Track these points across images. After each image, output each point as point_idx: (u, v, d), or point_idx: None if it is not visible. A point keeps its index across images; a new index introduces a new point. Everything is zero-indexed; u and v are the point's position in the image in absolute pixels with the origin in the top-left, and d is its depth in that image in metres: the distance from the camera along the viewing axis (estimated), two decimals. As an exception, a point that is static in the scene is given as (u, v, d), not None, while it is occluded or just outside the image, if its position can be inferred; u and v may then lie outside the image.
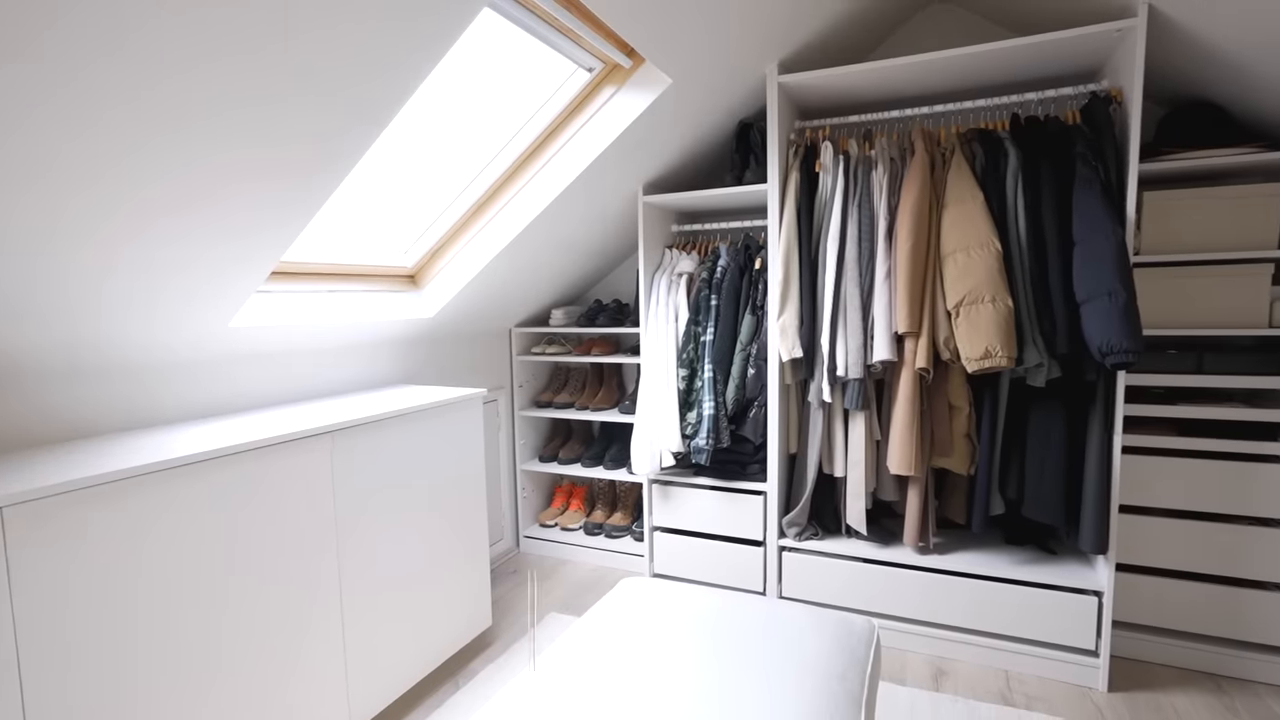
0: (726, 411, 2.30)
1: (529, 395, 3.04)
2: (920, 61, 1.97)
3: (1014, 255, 1.85)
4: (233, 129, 1.21)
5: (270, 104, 1.21)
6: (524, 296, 2.78)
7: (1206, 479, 1.92)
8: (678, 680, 1.22)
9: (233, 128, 1.21)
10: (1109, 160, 1.80)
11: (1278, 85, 1.73)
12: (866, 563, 2.13)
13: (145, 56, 1.00)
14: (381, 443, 1.75)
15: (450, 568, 2.01)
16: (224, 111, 1.17)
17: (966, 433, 2.00)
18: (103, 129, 1.05)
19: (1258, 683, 1.88)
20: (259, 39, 1.09)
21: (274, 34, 1.10)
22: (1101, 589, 1.86)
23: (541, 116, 2.08)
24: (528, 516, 3.02)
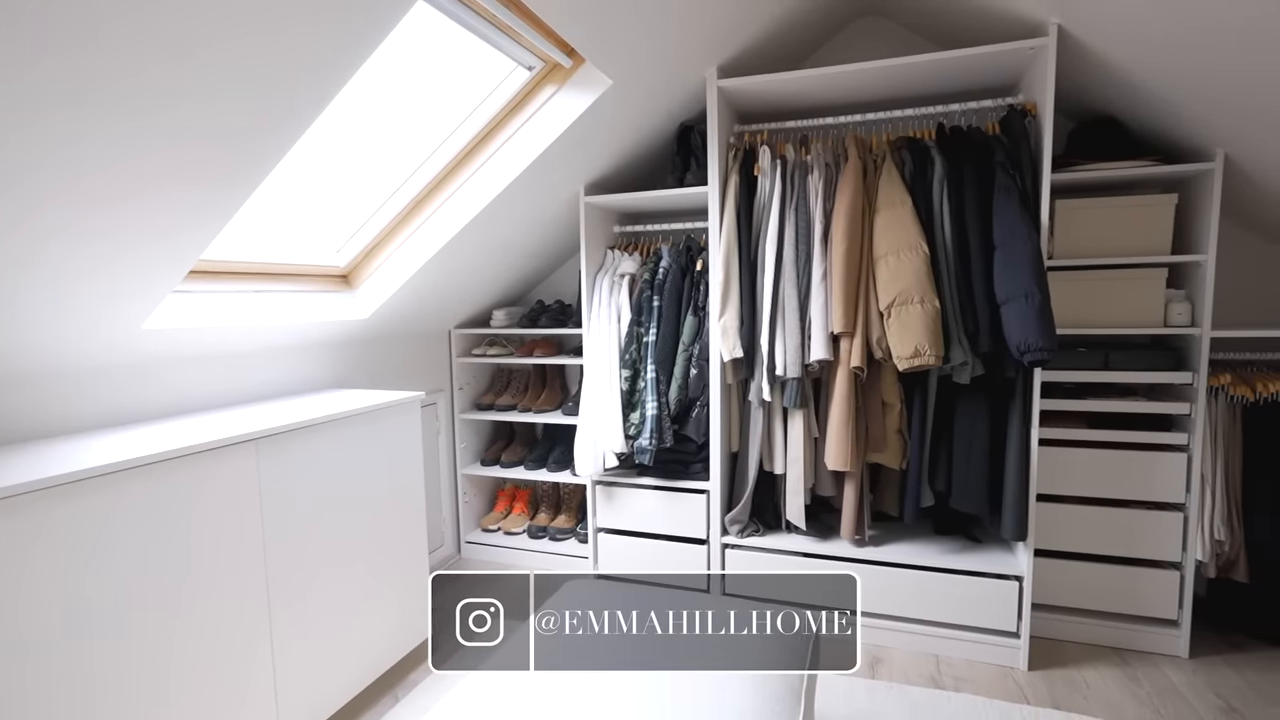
0: (669, 411, 2.32)
1: (470, 398, 2.98)
2: (852, 70, 2.04)
3: (940, 258, 1.94)
4: (147, 129, 1.14)
5: (188, 104, 1.14)
6: (464, 297, 2.73)
7: (1111, 468, 2.06)
8: (622, 680, 1.22)
9: (147, 128, 1.14)
10: (1025, 170, 1.91)
11: (1169, 103, 1.88)
12: (806, 557, 2.19)
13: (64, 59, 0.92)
14: (313, 450, 1.68)
15: (388, 577, 1.95)
16: (143, 113, 1.10)
17: (899, 429, 2.09)
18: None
19: (1156, 654, 2.03)
20: (178, 39, 1.02)
21: (197, 36, 1.04)
22: (1022, 574, 1.97)
23: (480, 114, 2.05)
24: (470, 521, 2.96)
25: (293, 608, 1.62)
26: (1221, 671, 1.94)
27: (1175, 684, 1.89)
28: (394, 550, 1.98)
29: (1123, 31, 1.72)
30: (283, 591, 1.59)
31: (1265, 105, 1.64)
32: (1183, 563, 2.01)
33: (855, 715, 1.77)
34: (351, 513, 1.81)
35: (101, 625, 1.22)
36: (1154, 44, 1.69)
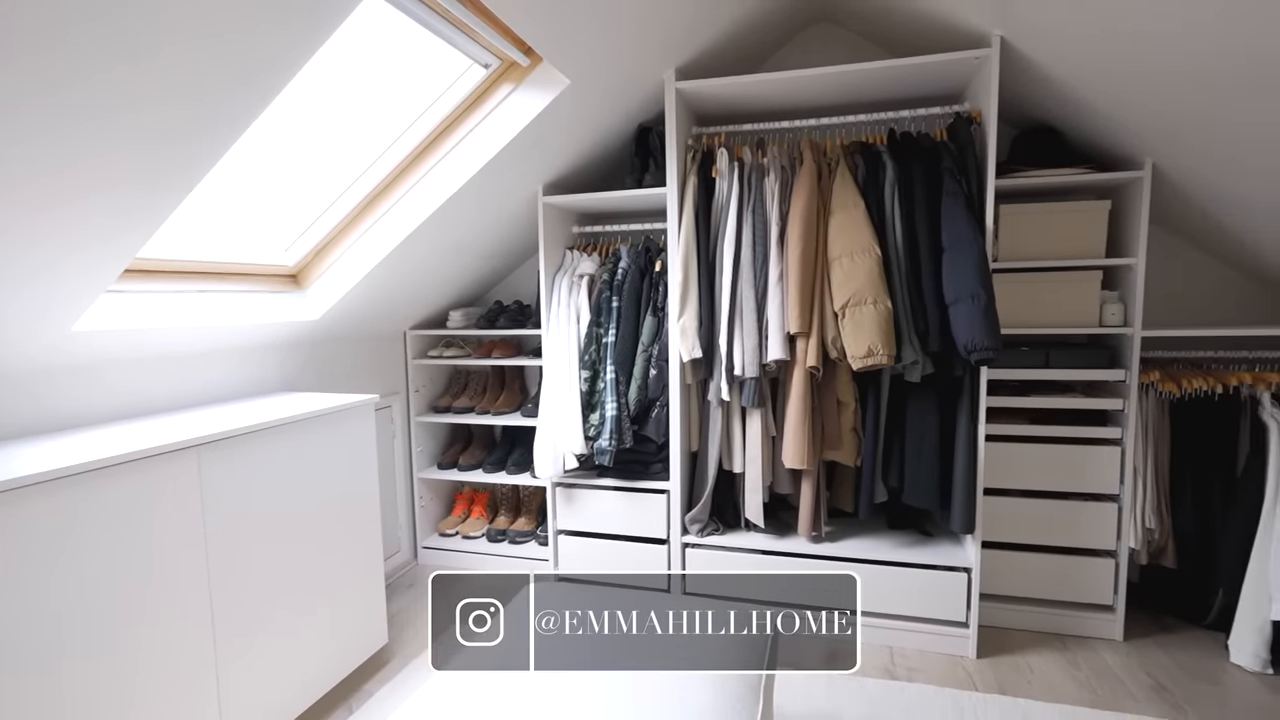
0: (629, 412, 2.32)
1: (426, 400, 2.92)
2: (807, 75, 2.08)
3: (892, 260, 1.99)
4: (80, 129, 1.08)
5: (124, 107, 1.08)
6: (419, 298, 2.67)
7: (1052, 462, 2.15)
8: (583, 682, 1.21)
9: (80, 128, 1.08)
10: (971, 175, 1.98)
11: (1102, 114, 1.97)
12: (765, 554, 2.22)
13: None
14: (260, 455, 1.62)
15: (341, 586, 1.89)
16: (78, 117, 1.05)
17: (853, 427, 2.13)
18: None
19: (1093, 638, 2.13)
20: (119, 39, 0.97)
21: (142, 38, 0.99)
22: (970, 565, 2.04)
23: (435, 111, 2.01)
24: (427, 526, 2.90)
25: (238, 621, 1.56)
26: (1152, 652, 2.05)
27: (1111, 666, 1.99)
28: (348, 558, 1.92)
29: (1059, 45, 1.80)
30: (227, 604, 1.53)
31: (1187, 118, 1.74)
32: (1117, 551, 2.12)
33: (814, 711, 1.80)
34: (302, 520, 1.75)
35: (15, 654, 1.14)
36: (1087, 58, 1.77)
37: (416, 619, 2.36)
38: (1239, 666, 1.96)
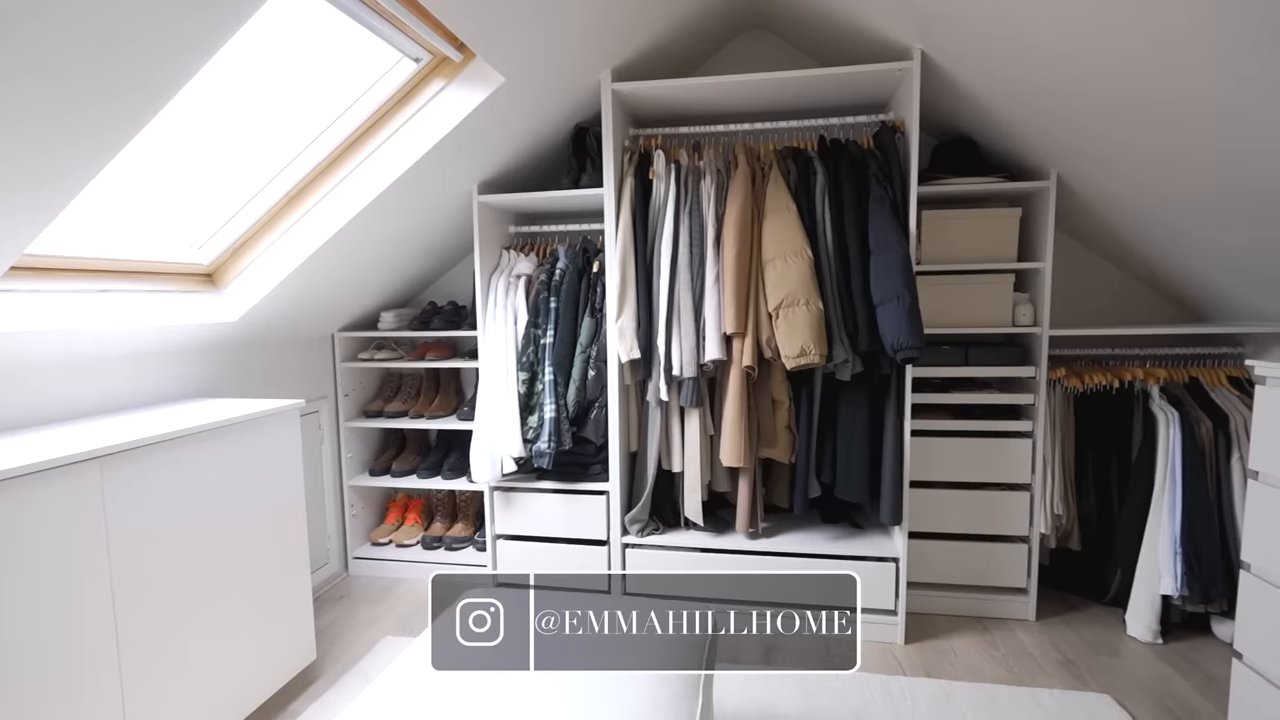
0: (568, 414, 2.30)
1: (356, 404, 2.81)
2: (740, 81, 2.13)
3: (823, 262, 2.06)
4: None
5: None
6: (348, 298, 2.57)
7: (971, 454, 2.28)
8: (522, 688, 1.20)
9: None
10: (896, 181, 2.07)
11: (1013, 128, 2.10)
12: (704, 552, 2.25)
13: None
14: (171, 466, 1.52)
15: (264, 601, 1.80)
16: None
17: (788, 424, 2.19)
18: None
19: (1010, 619, 2.27)
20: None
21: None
22: (898, 556, 2.14)
23: (363, 105, 1.94)
24: (358, 536, 2.80)
25: (147, 644, 1.45)
26: (1061, 630, 2.20)
27: (1025, 644, 2.12)
28: (271, 573, 1.83)
29: (973, 61, 1.91)
30: (135, 628, 1.42)
31: (1088, 133, 1.87)
32: (1029, 537, 2.26)
33: (753, 705, 1.84)
34: (220, 533, 1.65)
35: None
36: (998, 74, 1.88)
37: (348, 632, 2.27)
38: (1134, 638, 2.13)
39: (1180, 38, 1.30)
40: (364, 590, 2.59)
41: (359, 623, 2.33)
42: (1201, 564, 2.02)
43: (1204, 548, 2.02)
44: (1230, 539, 2.04)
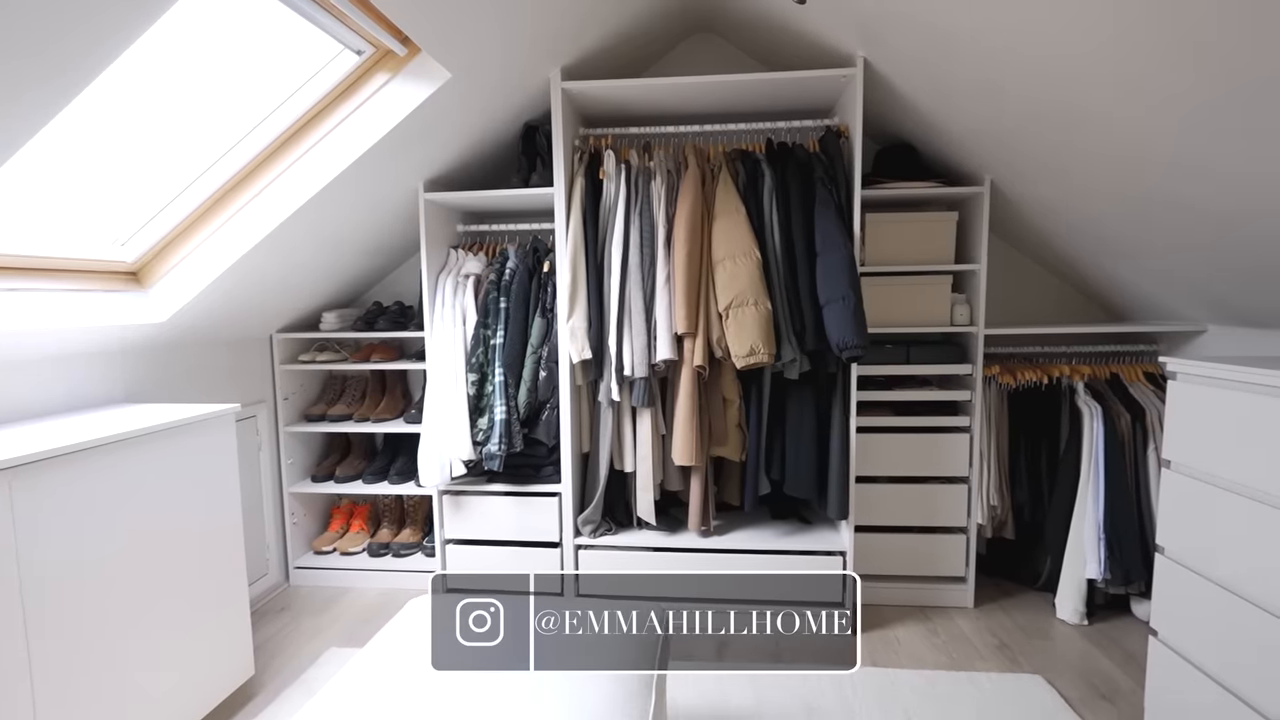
0: (519, 415, 2.27)
1: (297, 408, 2.71)
2: (690, 83, 2.14)
3: (771, 263, 2.10)
4: None
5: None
6: (287, 298, 2.47)
7: (913, 449, 2.36)
8: (473, 694, 1.18)
9: None
10: (841, 185, 2.12)
11: (949, 134, 2.19)
12: (657, 551, 2.26)
13: None
14: (91, 478, 1.43)
15: (196, 617, 1.71)
16: None
17: (738, 423, 2.22)
18: None
19: (950, 607, 2.36)
20: None
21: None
22: (845, 549, 2.19)
23: (302, 98, 1.87)
24: (300, 544, 2.69)
25: (65, 668, 1.36)
26: (997, 616, 2.30)
27: (964, 631, 2.21)
28: (205, 586, 1.74)
29: (913, 69, 1.98)
30: (50, 651, 1.33)
31: (1019, 142, 1.96)
32: (967, 527, 2.35)
33: (706, 702, 1.85)
34: (148, 548, 1.56)
35: None
36: (936, 82, 1.96)
37: (289, 645, 2.18)
38: (1063, 620, 2.25)
39: (1105, 53, 1.37)
40: (307, 601, 2.50)
41: (301, 635, 2.25)
42: (1122, 548, 2.15)
43: (1124, 533, 2.15)
44: (1147, 524, 2.17)
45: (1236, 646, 1.40)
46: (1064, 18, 1.36)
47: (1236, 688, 1.39)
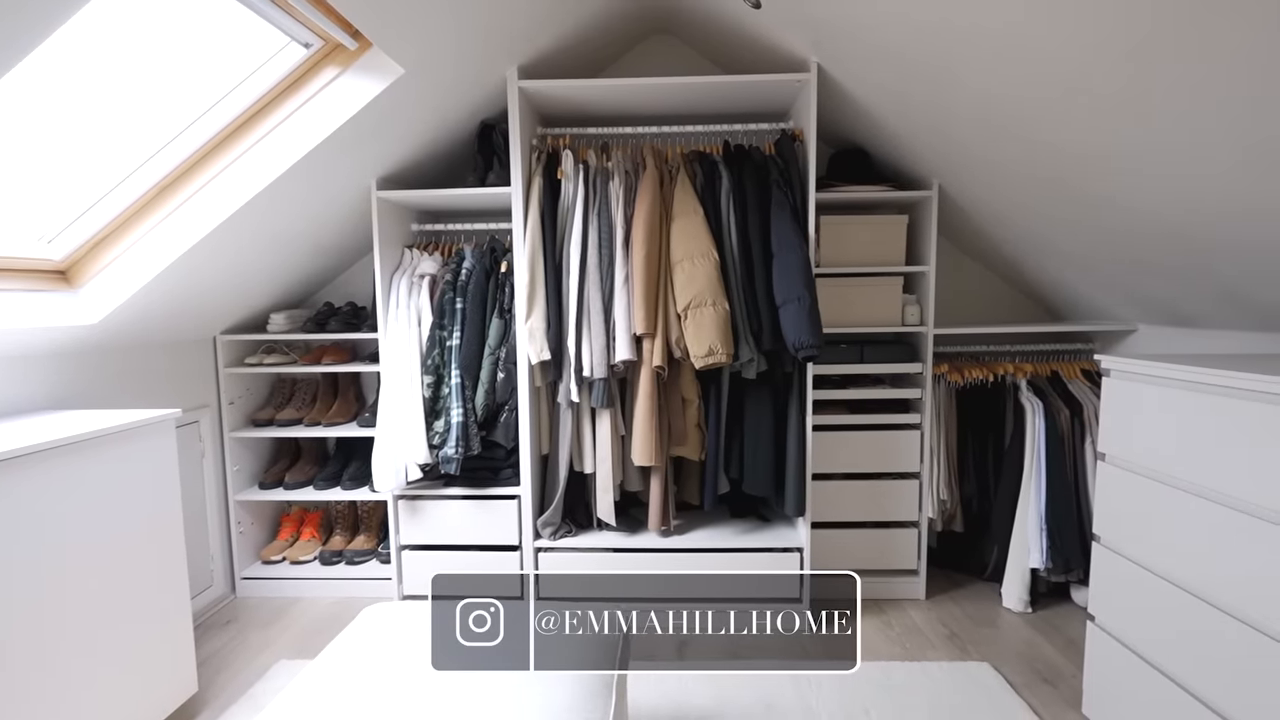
0: (476, 418, 2.24)
1: (243, 413, 2.61)
2: (648, 84, 2.15)
3: (729, 264, 2.12)
4: None
5: None
6: (232, 299, 2.38)
7: (867, 446, 2.41)
8: (428, 703, 1.15)
9: None
10: (796, 187, 2.16)
11: (899, 139, 2.25)
12: (617, 552, 2.26)
13: None
14: (14, 490, 1.35)
15: (135, 633, 1.63)
16: None
17: (698, 423, 2.24)
18: None
19: (903, 599, 2.43)
20: None
21: None
22: (802, 545, 2.23)
23: (246, 91, 1.80)
24: (247, 554, 2.59)
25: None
26: (948, 606, 2.37)
27: (916, 622, 2.27)
28: (143, 602, 1.66)
29: (865, 76, 2.03)
30: (-26, 672, 1.25)
31: (965, 149, 2.03)
32: (919, 521, 2.42)
33: (667, 701, 1.86)
34: (82, 562, 1.48)
35: None
36: (886, 89, 2.01)
37: (235, 659, 2.10)
38: (1009, 609, 2.34)
39: (1045, 67, 1.43)
40: (254, 613, 2.41)
41: (249, 648, 2.17)
42: (1062, 538, 2.24)
43: (1064, 523, 2.25)
44: (1085, 514, 2.28)
45: (1167, 629, 1.47)
46: (1004, 30, 1.41)
47: (1167, 668, 1.47)
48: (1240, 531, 1.28)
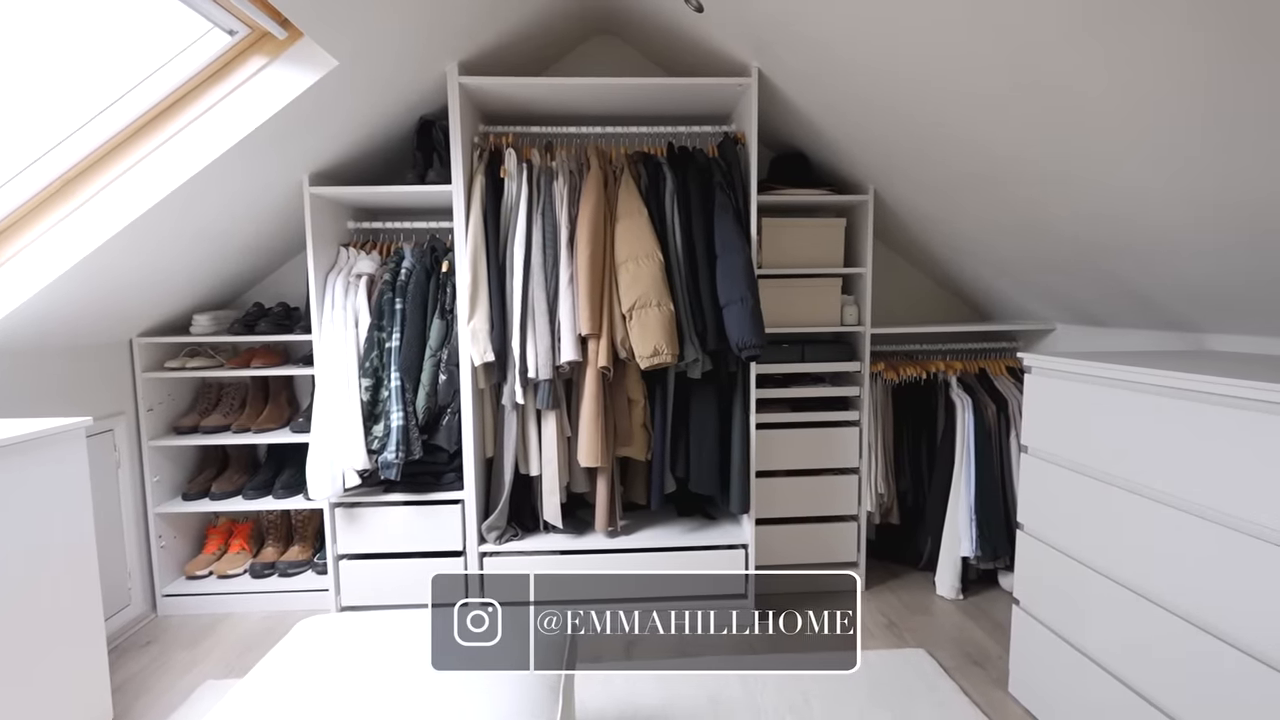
0: (418, 421, 2.18)
1: (165, 420, 2.46)
2: (591, 84, 2.15)
3: (673, 265, 2.13)
4: None
5: None
6: (150, 299, 2.24)
7: (808, 443, 2.48)
8: (368, 716, 1.11)
9: None
10: (738, 190, 2.19)
11: (837, 145, 2.32)
12: (564, 554, 2.24)
13: None
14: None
15: (39, 661, 1.51)
16: None
17: (643, 423, 2.24)
18: None
19: (845, 591, 2.49)
20: None
21: None
22: (747, 542, 2.27)
23: (164, 78, 1.70)
24: (169, 569, 2.45)
25: None
26: (885, 596, 2.46)
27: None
28: (51, 626, 1.54)
29: (803, 81, 2.08)
30: None
31: (899, 155, 2.11)
32: (858, 515, 2.50)
33: (615, 703, 1.85)
34: (-26, 584, 1.37)
35: None
36: (825, 96, 2.07)
37: (157, 682, 1.97)
38: (942, 596, 2.44)
39: (975, 80, 1.50)
40: (178, 632, 2.27)
41: (172, 670, 2.04)
42: (990, 527, 2.36)
43: (992, 513, 2.37)
44: (1011, 504, 2.40)
45: (1084, 610, 1.57)
46: (931, 41, 1.47)
47: (1084, 646, 1.57)
48: (1145, 515, 1.38)
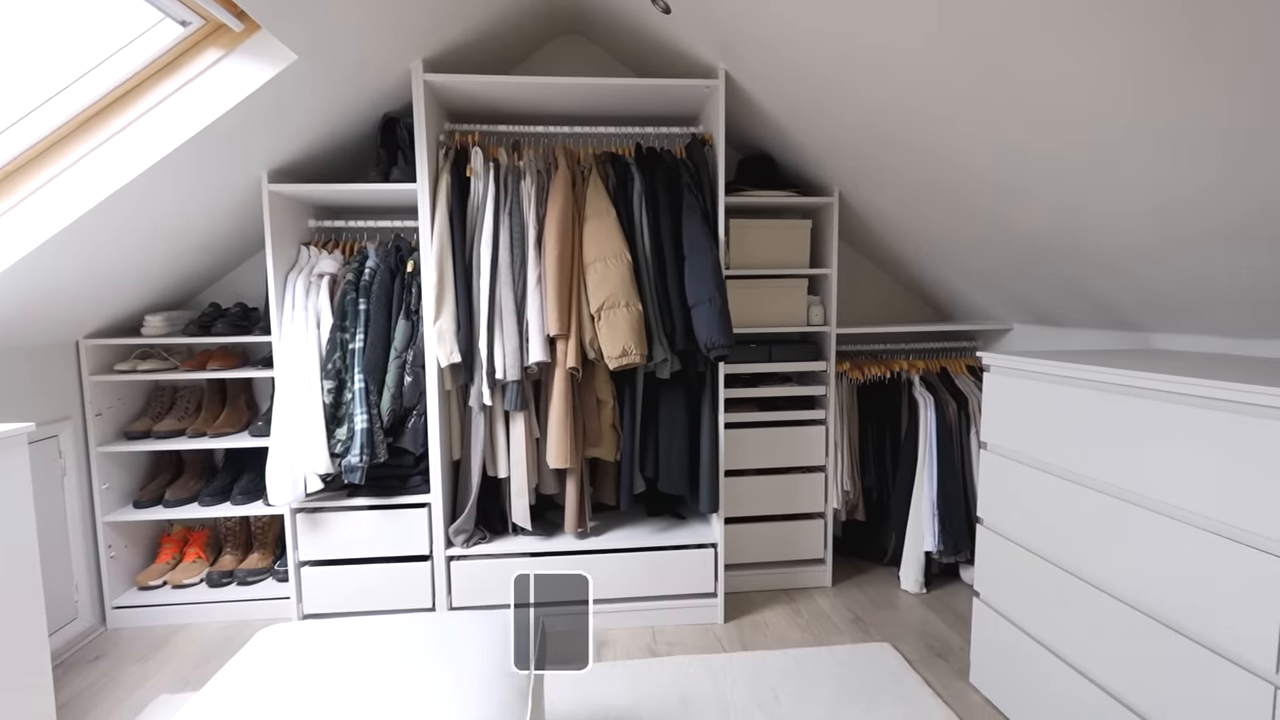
0: (382, 424, 2.14)
1: (114, 425, 2.37)
2: (559, 84, 2.13)
3: (641, 265, 2.13)
4: None
5: None
6: (98, 299, 2.16)
7: (776, 442, 2.50)
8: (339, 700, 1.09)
9: None
10: (706, 191, 2.21)
11: (803, 148, 2.35)
12: (533, 557, 2.22)
13: None
14: None
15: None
16: None
17: (613, 423, 2.24)
18: None
19: (811, 588, 2.53)
20: None
21: None
22: (716, 541, 2.28)
23: (112, 70, 1.64)
24: (120, 580, 2.35)
25: None
26: (852, 592, 2.50)
27: (823, 608, 2.38)
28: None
29: (769, 85, 2.10)
30: None
31: (863, 158, 2.15)
32: (825, 512, 2.54)
33: (586, 700, 1.85)
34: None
35: None
36: (790, 99, 2.09)
37: (106, 699, 1.90)
38: (906, 591, 2.50)
39: (934, 90, 1.54)
40: (129, 645, 2.19)
41: (123, 685, 1.96)
42: (952, 522, 2.42)
43: (953, 508, 2.42)
44: (971, 499, 2.47)
45: (1040, 601, 1.62)
46: (889, 49, 1.50)
47: (1041, 635, 1.62)
48: (1099, 509, 1.43)
